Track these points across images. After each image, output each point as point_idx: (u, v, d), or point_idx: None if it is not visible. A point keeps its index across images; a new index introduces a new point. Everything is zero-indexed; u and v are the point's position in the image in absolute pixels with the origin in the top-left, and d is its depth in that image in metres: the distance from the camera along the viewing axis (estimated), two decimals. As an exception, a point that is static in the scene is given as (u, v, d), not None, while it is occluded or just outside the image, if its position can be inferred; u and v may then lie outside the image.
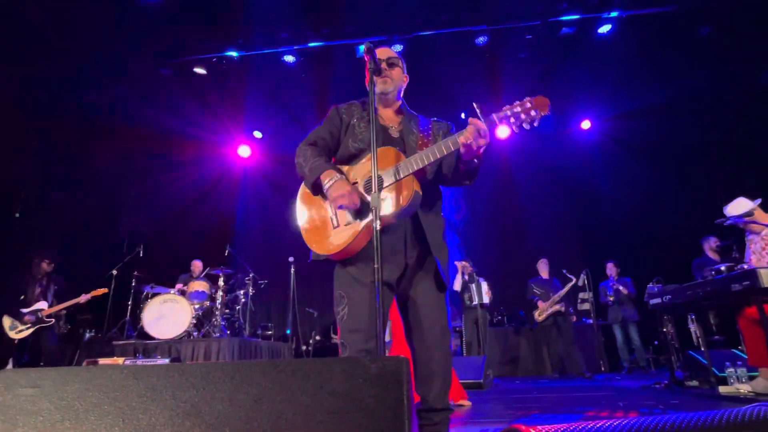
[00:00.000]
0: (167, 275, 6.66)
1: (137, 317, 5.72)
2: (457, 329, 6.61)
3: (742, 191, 3.79)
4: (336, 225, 1.62)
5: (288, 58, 6.58)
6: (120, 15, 5.72)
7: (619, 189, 7.88)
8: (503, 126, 1.55)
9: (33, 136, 6.63)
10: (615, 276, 6.72)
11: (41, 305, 4.97)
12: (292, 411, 0.63)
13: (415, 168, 1.55)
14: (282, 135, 8.14)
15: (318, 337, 7.72)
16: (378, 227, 1.37)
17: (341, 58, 6.34)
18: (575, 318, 6.55)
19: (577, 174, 8.35)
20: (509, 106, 1.54)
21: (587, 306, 6.53)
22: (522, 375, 6.74)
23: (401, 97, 1.87)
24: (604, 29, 6.09)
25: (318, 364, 0.67)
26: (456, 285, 6.44)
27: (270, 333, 7.25)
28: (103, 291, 5.35)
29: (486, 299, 6.26)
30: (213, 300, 6.13)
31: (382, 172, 1.57)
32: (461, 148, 1.52)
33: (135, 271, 6.28)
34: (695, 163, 7.17)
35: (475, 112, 1.56)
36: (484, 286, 6.26)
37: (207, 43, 6.55)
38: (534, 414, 2.85)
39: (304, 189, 1.74)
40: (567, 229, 8.26)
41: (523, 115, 1.51)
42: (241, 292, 6.52)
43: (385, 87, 1.75)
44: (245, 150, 8.78)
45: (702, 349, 4.15)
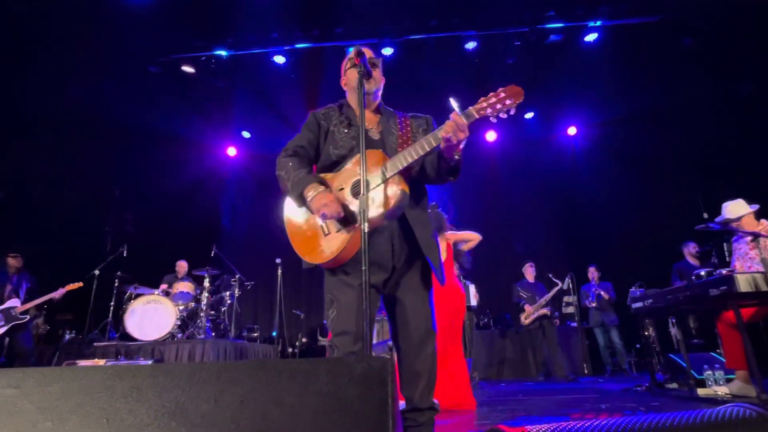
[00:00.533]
0: (152, 276, 6.56)
1: (119, 318, 5.62)
2: (444, 332, 6.64)
3: (722, 199, 3.88)
4: (327, 233, 1.62)
5: (278, 58, 6.56)
6: (108, 10, 5.63)
7: (604, 194, 8.02)
8: (482, 117, 1.56)
9: (15, 132, 6.47)
10: (596, 280, 6.83)
11: (13, 302, 4.86)
12: (277, 411, 0.63)
13: (400, 167, 1.56)
14: (270, 135, 8.10)
15: (304, 339, 7.68)
16: (366, 230, 1.38)
17: (331, 59, 6.35)
18: (558, 322, 6.65)
19: (563, 179, 8.48)
20: (485, 98, 1.56)
21: (572, 309, 6.63)
22: (508, 377, 6.80)
23: (379, 97, 1.87)
24: (590, 38, 6.22)
25: (304, 364, 0.67)
26: None
27: (256, 335, 7.18)
28: (78, 285, 5.23)
29: (473, 302, 6.29)
30: (198, 301, 6.05)
31: (368, 174, 1.57)
32: (442, 143, 1.52)
33: (118, 272, 6.17)
34: (677, 170, 7.34)
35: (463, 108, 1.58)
36: (471, 289, 6.30)
37: (196, 42, 6.49)
38: (520, 416, 2.89)
39: (289, 202, 1.73)
40: (553, 234, 8.38)
41: (499, 105, 1.53)
42: (227, 293, 6.46)
43: (369, 87, 1.75)
44: (233, 150, 8.71)
45: (682, 353, 4.24)
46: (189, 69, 6.77)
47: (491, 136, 8.48)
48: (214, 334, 6.15)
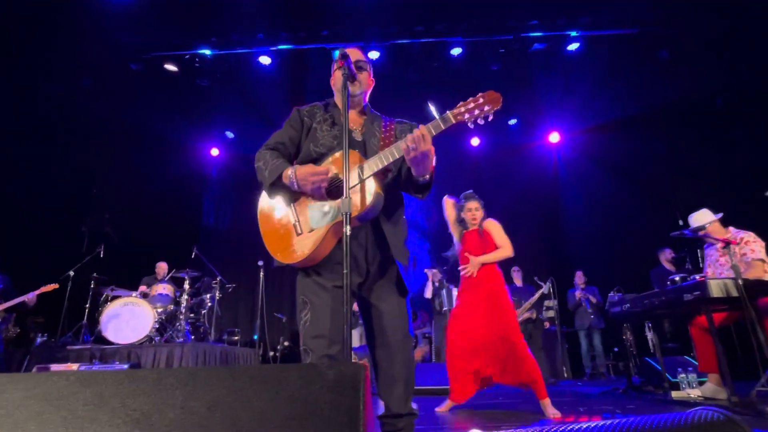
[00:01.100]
0: (130, 277, 6.40)
1: (95, 321, 5.46)
2: (427, 335, 6.66)
3: (696, 206, 3.99)
4: (300, 232, 1.61)
5: (263, 59, 6.51)
6: (89, 5, 5.50)
7: (585, 200, 8.18)
8: (459, 123, 1.56)
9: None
10: (582, 285, 6.96)
11: (-17, 304, 4.68)
12: (247, 417, 0.62)
13: (375, 170, 1.56)
14: (254, 136, 8.01)
15: (286, 343, 7.59)
16: (348, 231, 1.37)
17: (317, 61, 6.33)
18: (548, 324, 6.73)
19: (546, 185, 8.62)
20: (463, 102, 1.56)
21: (552, 313, 6.73)
22: (490, 380, 6.83)
23: (365, 99, 1.87)
24: (572, 47, 6.35)
25: (275, 370, 0.66)
26: (427, 293, 6.49)
27: (236, 338, 7.06)
28: (53, 287, 5.06)
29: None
30: (177, 304, 5.93)
31: (342, 174, 1.57)
32: (405, 154, 1.50)
33: (94, 273, 6.00)
34: (654, 178, 7.55)
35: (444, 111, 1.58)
36: (454, 292, 6.33)
37: (180, 40, 6.39)
38: (499, 419, 2.90)
39: (264, 197, 1.72)
40: (534, 238, 8.49)
41: (477, 110, 1.53)
42: (208, 296, 6.34)
43: (353, 89, 1.75)
44: (216, 150, 8.59)
45: (657, 356, 4.35)
46: (172, 67, 6.66)
47: (475, 141, 8.56)
48: (193, 337, 6.03)
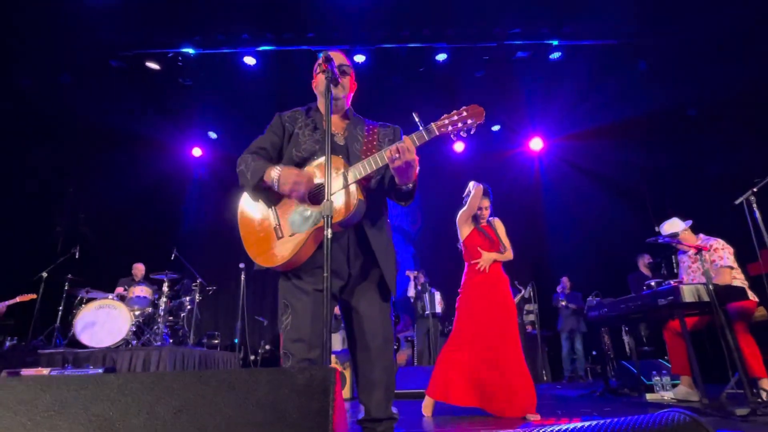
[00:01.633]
0: (106, 279, 6.25)
1: (69, 324, 5.30)
2: (409, 339, 6.67)
3: (673, 211, 4.11)
4: (281, 236, 1.60)
5: (248, 59, 6.45)
6: None
7: (566, 206, 8.34)
8: (442, 135, 1.59)
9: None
10: (567, 289, 7.09)
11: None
12: (213, 423, 0.61)
13: (359, 176, 1.56)
14: (238, 137, 7.94)
15: (267, 347, 7.50)
16: (329, 235, 1.37)
17: (302, 63, 6.30)
18: (530, 328, 6.83)
19: (528, 190, 8.75)
20: (447, 115, 1.59)
21: (532, 317, 6.82)
22: (470, 384, 6.87)
23: (348, 103, 1.87)
24: (554, 56, 6.48)
25: (245, 374, 0.65)
26: (410, 291, 6.51)
27: (216, 342, 6.95)
28: (31, 297, 4.90)
29: (438, 309, 6.36)
30: (156, 306, 5.81)
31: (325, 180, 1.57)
32: (389, 162, 1.52)
33: (69, 274, 5.83)
34: (632, 184, 7.75)
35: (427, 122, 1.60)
36: (437, 296, 6.37)
37: (162, 38, 6.28)
38: (480, 423, 2.92)
39: (245, 200, 1.71)
40: (516, 242, 8.58)
41: (460, 124, 1.56)
42: (187, 298, 6.23)
43: (337, 93, 1.75)
44: (198, 150, 8.46)
45: (633, 360, 4.45)
46: (154, 65, 6.54)
47: (459, 147, 8.63)
48: (171, 340, 5.91)
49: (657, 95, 6.71)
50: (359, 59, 6.33)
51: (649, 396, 3.87)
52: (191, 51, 6.41)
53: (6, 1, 5.25)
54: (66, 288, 5.72)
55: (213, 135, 8.26)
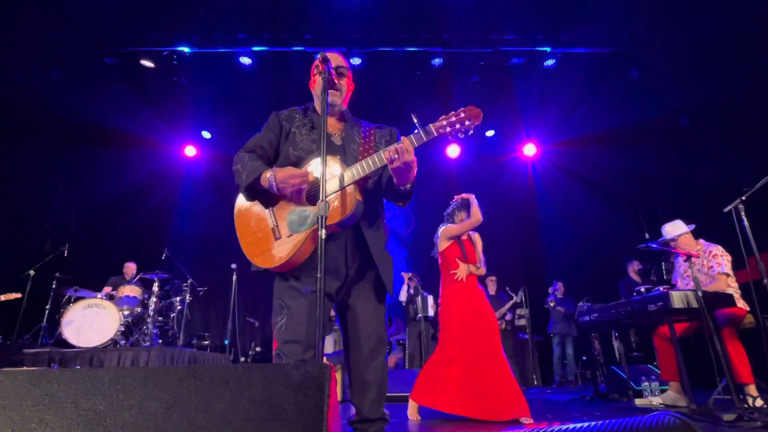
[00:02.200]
0: (96, 278, 6.16)
1: (56, 323, 5.21)
2: (401, 342, 6.65)
3: (663, 220, 4.14)
4: (279, 236, 1.59)
5: (244, 59, 6.43)
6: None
7: (559, 211, 8.40)
8: (440, 136, 1.59)
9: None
10: (559, 294, 7.13)
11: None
12: (206, 419, 0.60)
13: (357, 177, 1.57)
14: (232, 137, 7.89)
15: (258, 348, 7.44)
16: (323, 235, 1.36)
17: (299, 64, 6.30)
18: (528, 334, 6.85)
19: (521, 195, 8.81)
20: (445, 116, 1.60)
21: (524, 322, 6.84)
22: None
23: (345, 105, 1.87)
24: (549, 62, 6.55)
25: (239, 370, 0.65)
26: (402, 295, 6.50)
27: (206, 343, 6.88)
28: (16, 296, 4.81)
29: (431, 312, 6.36)
30: (145, 306, 5.74)
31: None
32: (387, 163, 1.53)
33: (57, 272, 5.75)
34: (623, 191, 7.83)
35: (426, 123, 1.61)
36: (429, 299, 6.36)
37: (158, 35, 6.24)
38: (468, 426, 2.92)
39: (241, 200, 1.70)
40: (509, 247, 8.64)
41: (458, 125, 1.57)
42: (177, 298, 6.17)
43: (333, 98, 1.75)
44: (192, 149, 8.40)
45: (623, 365, 4.48)
46: (148, 63, 6.49)
47: (453, 152, 8.65)
48: (161, 341, 5.84)
49: (649, 103, 6.81)
50: (355, 62, 6.35)
51: (638, 401, 3.90)
52: (187, 50, 6.37)
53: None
54: (54, 286, 5.64)
55: (207, 135, 8.21)
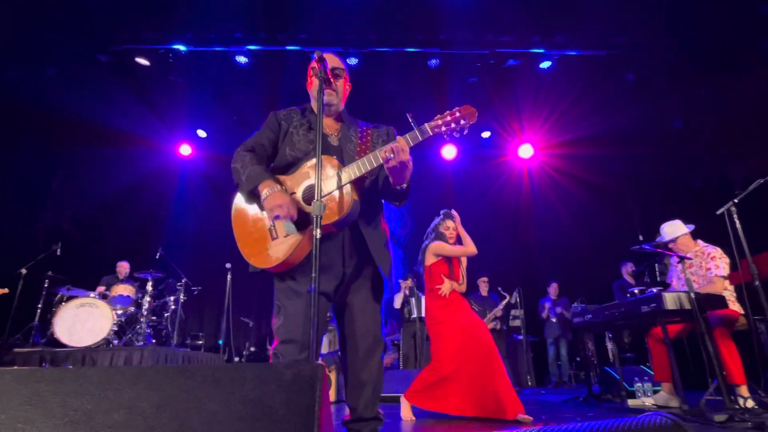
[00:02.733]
0: (89, 277, 6.12)
1: (48, 322, 5.16)
2: (396, 342, 6.65)
3: (656, 222, 4.17)
4: (275, 237, 1.58)
5: (240, 58, 6.41)
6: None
7: (554, 213, 8.43)
8: (436, 135, 1.60)
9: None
10: (553, 295, 7.15)
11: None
12: (197, 418, 0.59)
13: (353, 177, 1.57)
14: (228, 136, 7.86)
15: (253, 348, 7.41)
16: (318, 236, 1.36)
17: (295, 64, 6.29)
18: (522, 335, 6.87)
19: (516, 196, 8.83)
20: (440, 115, 1.60)
21: (518, 323, 6.86)
22: (456, 389, 6.87)
23: (342, 105, 1.87)
24: (545, 65, 6.58)
25: (231, 369, 0.64)
26: (396, 303, 6.50)
27: (200, 343, 6.85)
28: (2, 291, 4.76)
29: (424, 314, 6.35)
30: (139, 306, 5.70)
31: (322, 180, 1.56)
32: (383, 163, 1.54)
33: (49, 271, 5.70)
34: (618, 193, 7.88)
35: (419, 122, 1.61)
36: (423, 300, 6.36)
37: (153, 33, 6.20)
38: (461, 426, 2.92)
39: (239, 200, 1.69)
40: (503, 248, 8.66)
41: (453, 124, 1.58)
42: (171, 298, 6.14)
43: (330, 99, 1.76)
44: (187, 148, 8.36)
45: (616, 366, 4.50)
46: (144, 61, 6.45)
47: (449, 153, 8.66)
48: (154, 341, 5.80)
49: (644, 106, 6.85)
50: (351, 62, 6.34)
51: (631, 402, 3.92)
52: (182, 48, 6.34)
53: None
54: (46, 285, 5.59)
55: (202, 133, 8.17)
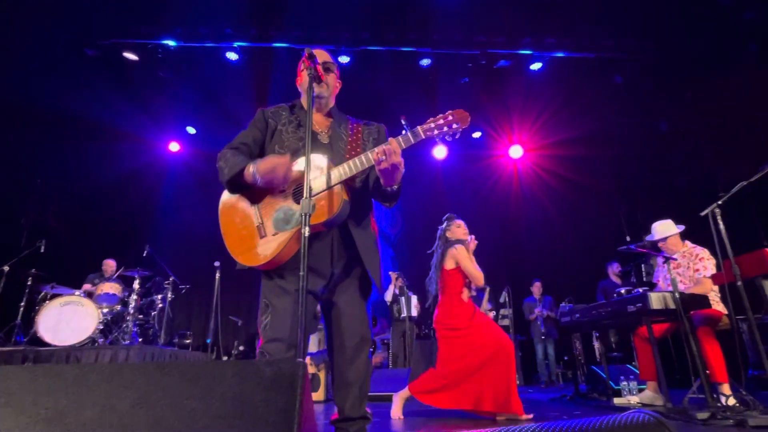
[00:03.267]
0: (74, 274, 6.01)
1: (31, 321, 5.06)
2: (386, 341, 6.65)
3: (644, 222, 4.22)
4: (264, 235, 1.57)
5: (230, 55, 6.35)
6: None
7: (542, 213, 8.50)
8: (428, 138, 1.60)
9: None
10: (537, 295, 7.20)
11: None
12: (173, 416, 0.58)
13: (344, 177, 1.56)
14: (217, 133, 7.77)
15: (241, 348, 7.36)
16: (307, 233, 1.35)
17: (285, 61, 6.25)
18: (511, 333, 6.90)
19: (505, 196, 8.89)
20: (433, 118, 1.60)
21: (507, 322, 6.90)
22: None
23: (332, 101, 1.85)
24: (535, 66, 6.62)
25: (210, 366, 0.63)
26: (387, 295, 6.50)
27: (188, 341, 6.78)
28: None
29: (414, 312, 6.37)
30: (125, 304, 5.61)
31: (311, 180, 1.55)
32: (375, 164, 1.52)
33: (33, 269, 5.59)
34: (605, 194, 7.97)
35: (413, 125, 1.61)
36: (413, 299, 6.38)
37: (142, 28, 6.11)
38: (452, 425, 2.93)
39: (227, 196, 1.67)
40: (492, 248, 8.71)
41: (446, 128, 1.57)
42: (159, 296, 6.05)
43: (321, 91, 1.74)
44: (176, 145, 8.26)
45: (602, 365, 4.55)
46: (132, 56, 6.35)
47: (440, 153, 8.67)
48: (141, 339, 5.73)
49: (631, 109, 6.94)
50: (343, 60, 6.32)
51: (617, 400, 3.96)
52: (172, 43, 6.26)
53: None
54: (29, 283, 5.48)
55: (191, 130, 8.08)
